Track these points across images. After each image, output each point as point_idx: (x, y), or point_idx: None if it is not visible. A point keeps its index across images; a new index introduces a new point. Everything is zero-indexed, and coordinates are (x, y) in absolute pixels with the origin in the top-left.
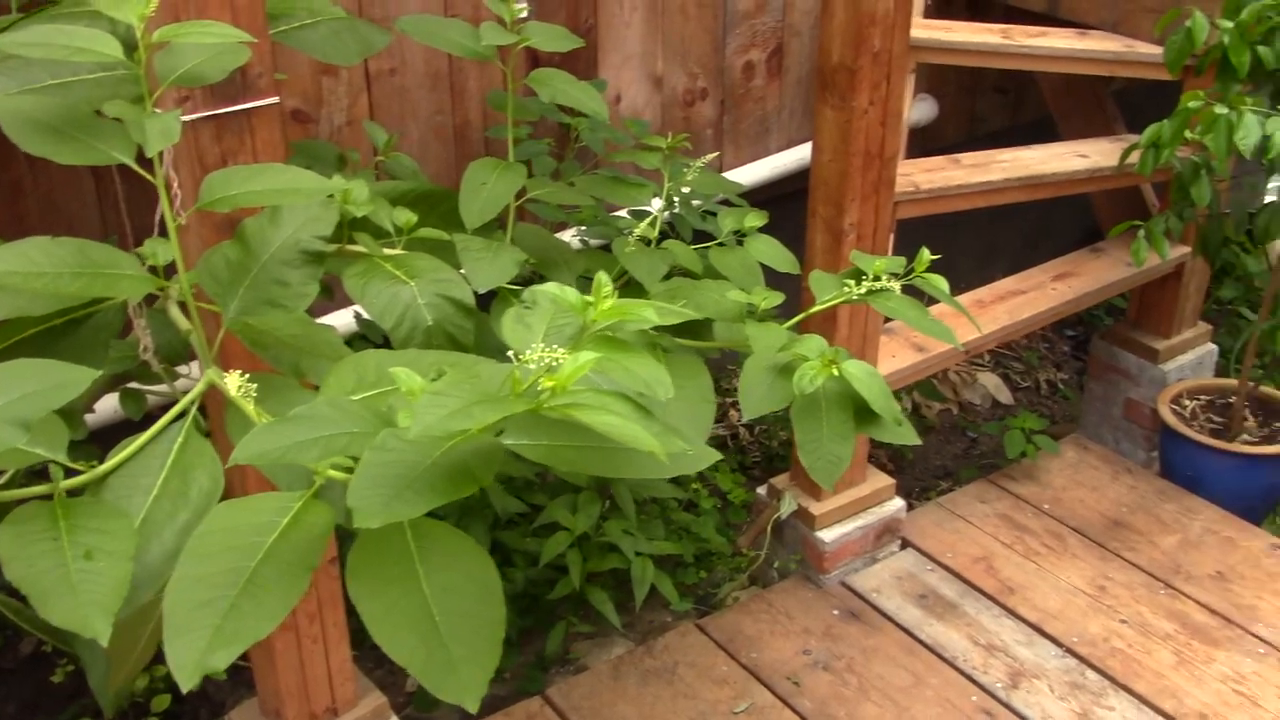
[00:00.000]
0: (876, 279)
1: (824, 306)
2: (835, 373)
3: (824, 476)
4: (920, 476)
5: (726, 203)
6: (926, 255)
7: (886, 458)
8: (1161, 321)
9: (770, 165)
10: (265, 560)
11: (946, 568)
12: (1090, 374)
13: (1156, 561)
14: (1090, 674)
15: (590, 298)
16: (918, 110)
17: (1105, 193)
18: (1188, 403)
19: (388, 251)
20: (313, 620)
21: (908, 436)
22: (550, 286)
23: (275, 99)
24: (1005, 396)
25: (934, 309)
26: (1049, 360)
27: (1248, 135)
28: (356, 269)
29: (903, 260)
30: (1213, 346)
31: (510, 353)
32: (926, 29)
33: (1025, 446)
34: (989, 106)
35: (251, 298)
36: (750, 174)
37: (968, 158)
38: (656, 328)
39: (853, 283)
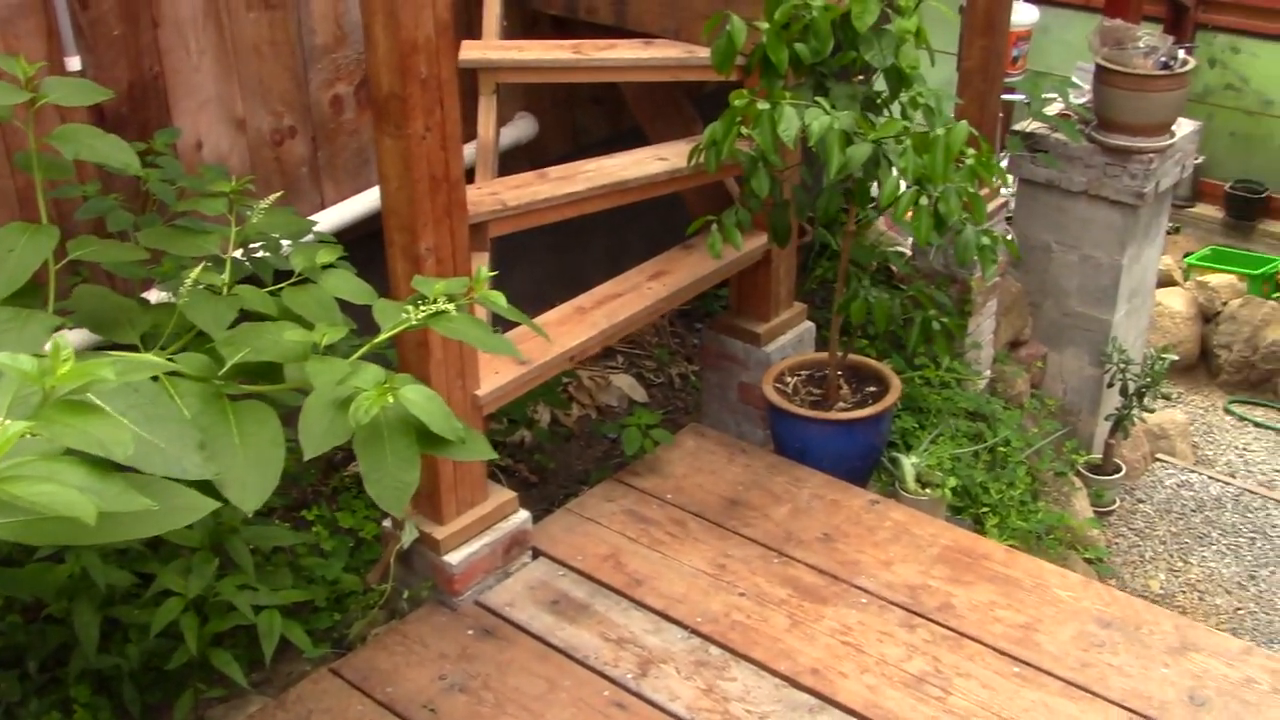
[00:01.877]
0: (451, 300)
1: (387, 336)
2: (392, 400)
3: (392, 503)
4: (564, 484)
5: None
6: (485, 273)
7: (529, 470)
8: (759, 306)
9: (373, 197)
10: None
11: (577, 570)
12: (704, 363)
13: (770, 533)
14: (714, 650)
15: (48, 363)
16: (517, 128)
17: (695, 190)
18: (790, 379)
19: None
20: None
21: (477, 452)
22: (3, 357)
23: None
24: (640, 395)
25: (543, 319)
26: (681, 354)
27: (788, 127)
28: None
29: (465, 281)
30: (810, 324)
31: None
32: (500, 50)
33: (643, 442)
34: (589, 118)
35: None
36: (354, 208)
37: (555, 171)
38: (227, 375)
39: (412, 309)
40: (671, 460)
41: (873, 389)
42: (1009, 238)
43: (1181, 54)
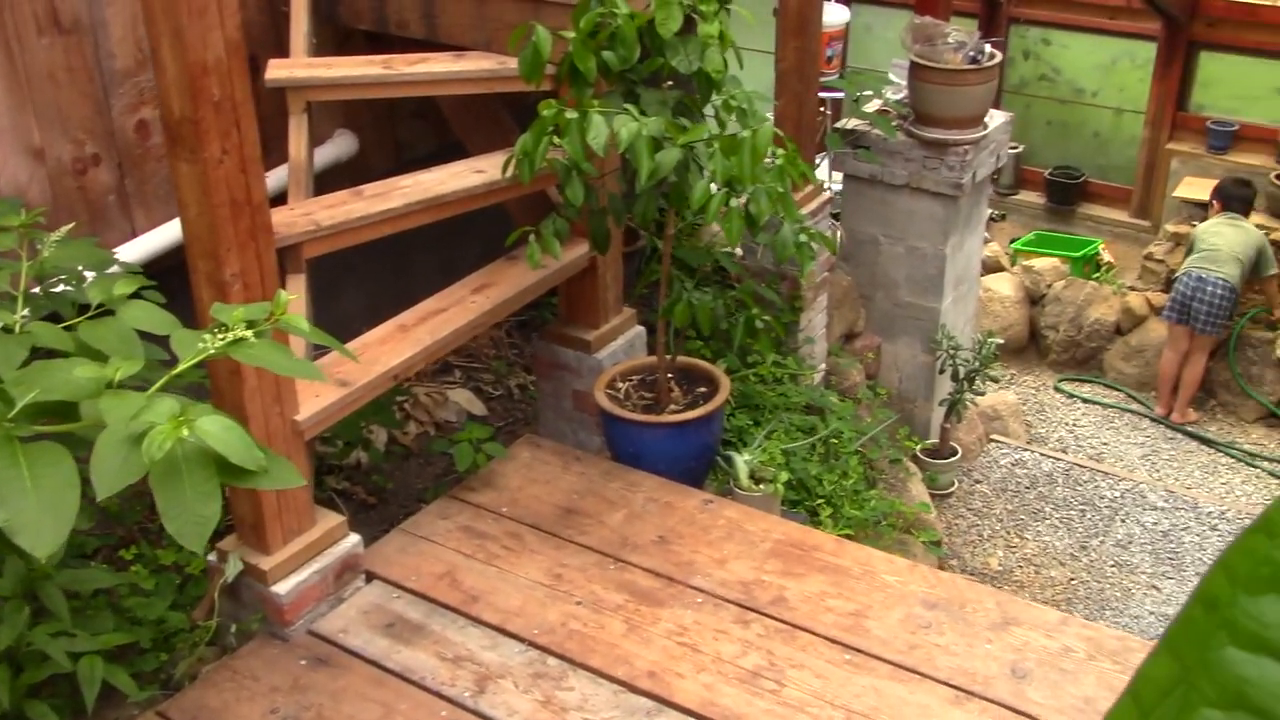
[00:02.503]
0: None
1: (184, 367)
2: (188, 433)
3: (192, 540)
4: (404, 503)
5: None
6: (284, 297)
7: (366, 492)
8: (589, 313)
9: None
10: None
11: (412, 591)
12: (538, 373)
13: (606, 539)
14: (551, 660)
15: None
16: (336, 146)
17: (517, 200)
18: (622, 385)
19: None
20: None
21: (283, 480)
22: None
23: None
24: (479, 408)
25: (358, 342)
26: (519, 365)
27: (598, 135)
28: None
29: (266, 307)
30: (641, 329)
31: None
32: (308, 68)
33: (476, 457)
34: (412, 133)
35: None
36: (167, 235)
37: (370, 188)
38: (19, 416)
39: (209, 337)
40: (507, 473)
41: (703, 390)
42: (837, 234)
43: (988, 48)
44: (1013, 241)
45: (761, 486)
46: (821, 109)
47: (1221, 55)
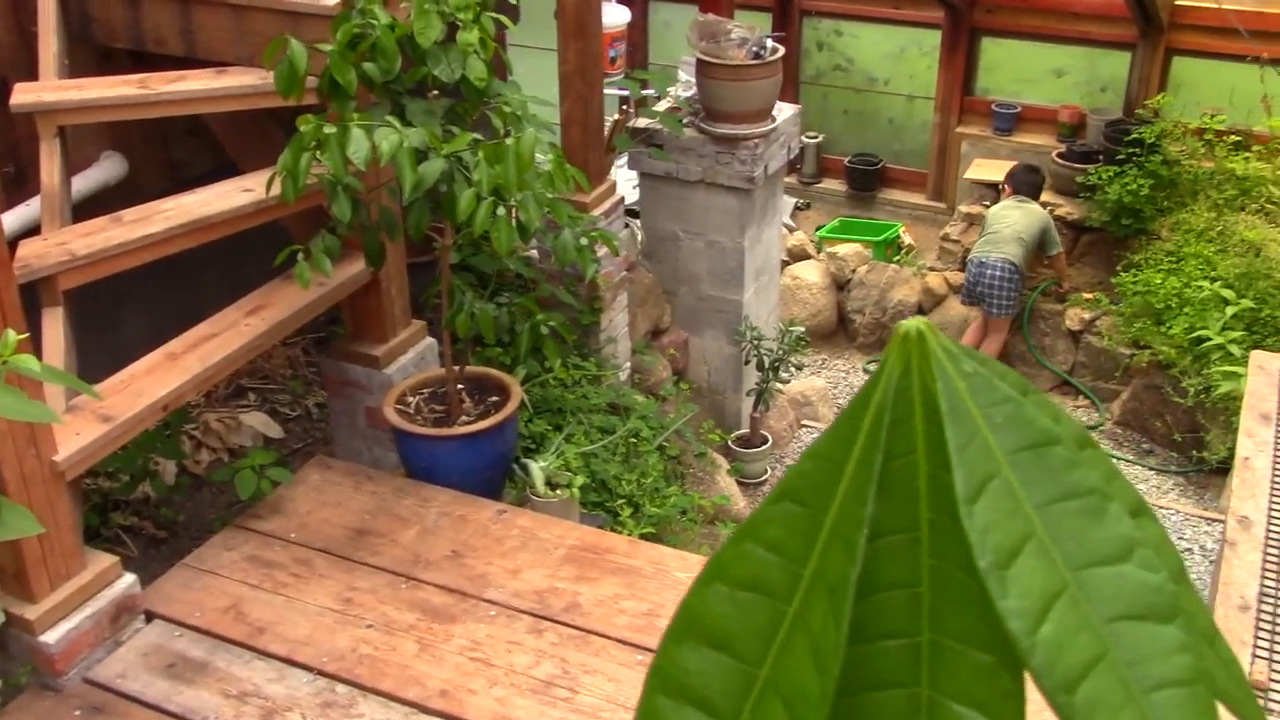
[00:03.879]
0: None
1: None
2: None
3: None
4: (197, 535)
5: None
6: (13, 338)
7: (155, 526)
8: (375, 328)
9: None
10: None
11: (195, 628)
12: (329, 392)
13: (398, 558)
14: (341, 688)
15: None
16: (104, 169)
17: (295, 217)
18: (412, 399)
19: None
20: None
21: (19, 528)
22: None
23: None
24: (276, 431)
25: (124, 373)
26: (317, 384)
27: (358, 149)
28: None
29: None
30: (431, 341)
31: None
32: (58, 90)
33: (260, 483)
34: (187, 151)
35: None
36: None
37: (130, 213)
38: None
39: None
40: (295, 497)
41: (495, 399)
42: (636, 232)
43: (770, 43)
44: (818, 229)
45: (558, 492)
46: (624, 108)
47: (1001, 41)
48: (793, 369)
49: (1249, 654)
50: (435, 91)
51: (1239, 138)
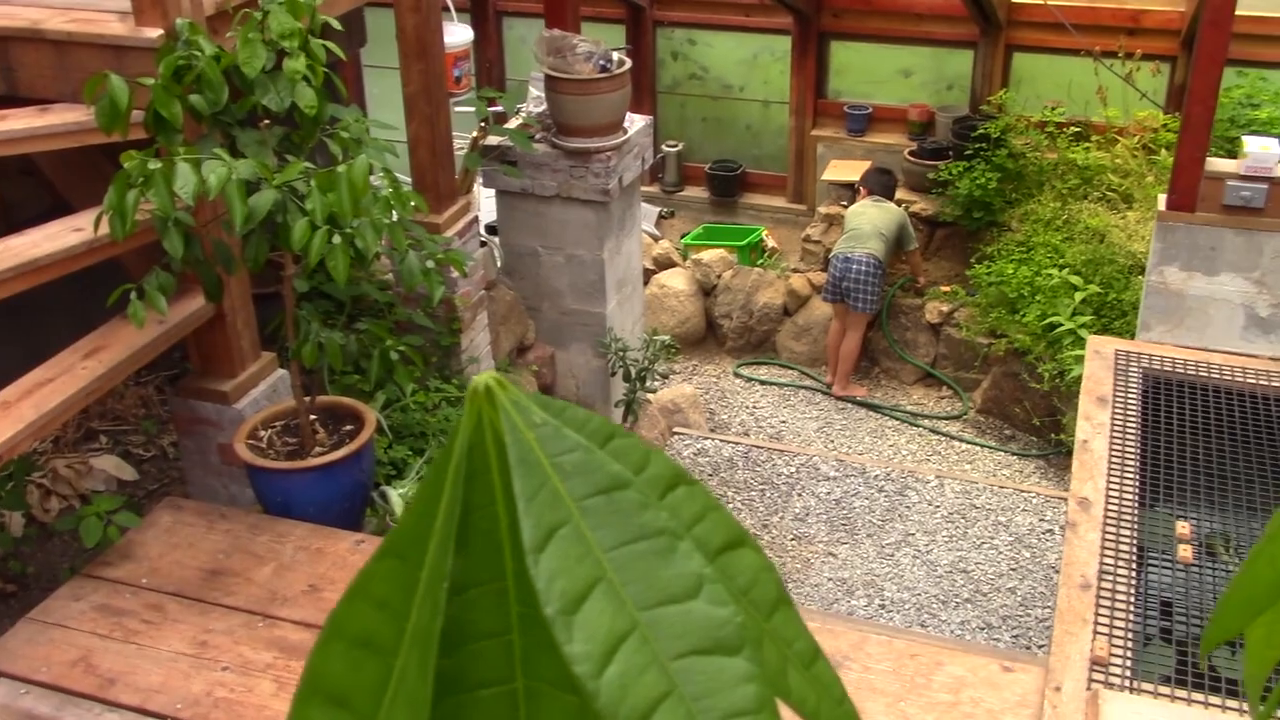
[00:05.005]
0: None
1: None
2: None
3: None
4: (50, 586)
5: None
6: None
7: (3, 580)
8: (223, 364)
9: None
10: None
11: (42, 684)
12: (179, 431)
13: (254, 597)
14: None
15: None
16: None
17: (134, 253)
18: (264, 433)
19: None
20: None
21: None
22: None
23: None
24: (129, 474)
25: None
26: (172, 422)
27: (185, 184)
28: None
29: None
30: (283, 372)
31: None
32: None
33: (105, 530)
34: (21, 191)
35: None
36: None
37: None
38: None
39: None
40: (146, 541)
41: (350, 427)
42: (495, 251)
43: (617, 55)
44: (683, 237)
45: None
46: (483, 125)
47: (850, 44)
48: (659, 378)
49: (1090, 631)
50: (267, 121)
51: (1079, 129)
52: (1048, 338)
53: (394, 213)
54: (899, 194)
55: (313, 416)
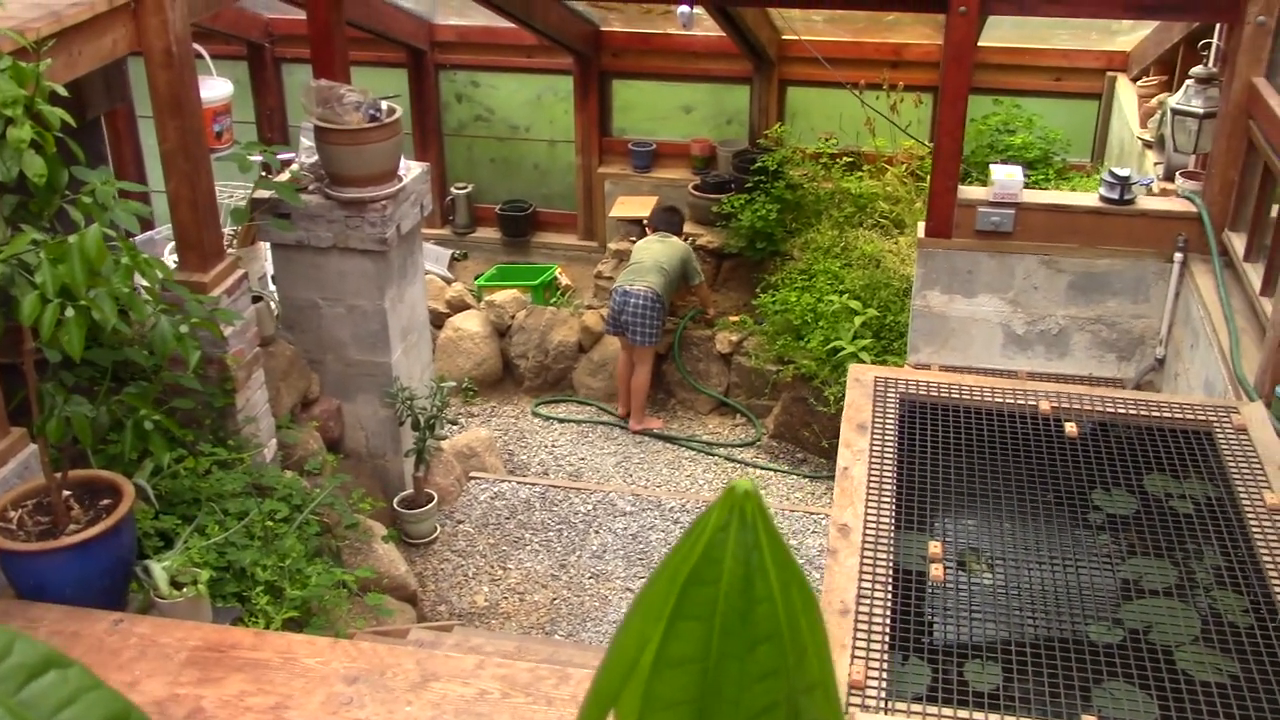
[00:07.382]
0: None
1: None
2: None
3: None
4: None
5: None
6: None
7: None
8: None
9: None
10: None
11: None
12: None
13: None
14: None
15: None
16: None
17: None
18: (14, 513)
19: None
20: None
21: None
22: None
23: None
24: None
25: None
26: None
27: None
28: None
29: None
30: (33, 447)
31: None
32: None
33: None
34: None
35: None
36: None
37: None
38: None
39: None
40: None
41: (108, 501)
42: (271, 306)
43: (386, 104)
44: (476, 278)
45: (184, 591)
46: (265, 175)
47: (631, 82)
48: (448, 425)
49: (849, 656)
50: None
51: (851, 159)
52: (832, 361)
53: (141, 278)
54: (687, 228)
55: (66, 492)
